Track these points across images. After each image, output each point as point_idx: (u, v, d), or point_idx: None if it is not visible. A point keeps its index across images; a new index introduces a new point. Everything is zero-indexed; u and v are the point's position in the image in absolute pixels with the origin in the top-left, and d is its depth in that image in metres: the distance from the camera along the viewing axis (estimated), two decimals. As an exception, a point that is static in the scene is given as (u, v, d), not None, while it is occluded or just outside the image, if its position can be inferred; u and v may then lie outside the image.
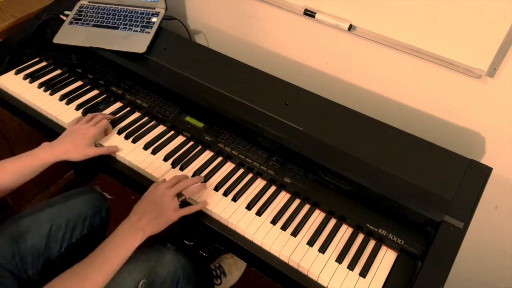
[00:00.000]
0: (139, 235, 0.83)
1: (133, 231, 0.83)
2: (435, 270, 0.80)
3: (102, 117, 1.07)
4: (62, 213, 1.01)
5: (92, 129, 1.01)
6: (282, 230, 0.91)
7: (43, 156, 0.95)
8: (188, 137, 1.09)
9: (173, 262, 0.96)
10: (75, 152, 0.98)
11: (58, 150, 0.97)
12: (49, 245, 0.98)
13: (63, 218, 1.01)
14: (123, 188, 1.81)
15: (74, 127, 1.03)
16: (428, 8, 0.96)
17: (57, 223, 0.99)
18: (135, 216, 0.86)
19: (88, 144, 0.99)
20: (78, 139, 0.99)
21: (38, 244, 0.96)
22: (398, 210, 0.90)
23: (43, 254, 0.97)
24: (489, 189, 0.94)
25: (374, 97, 1.20)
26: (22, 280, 0.94)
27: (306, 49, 1.27)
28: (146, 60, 1.20)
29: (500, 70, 0.95)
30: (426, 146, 1.00)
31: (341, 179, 0.95)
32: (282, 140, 1.00)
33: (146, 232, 0.84)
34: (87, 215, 1.05)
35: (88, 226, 1.05)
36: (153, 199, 0.89)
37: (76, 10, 1.33)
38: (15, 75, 1.23)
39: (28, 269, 0.94)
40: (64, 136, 1.01)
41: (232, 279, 1.52)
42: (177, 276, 0.96)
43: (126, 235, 0.83)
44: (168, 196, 0.89)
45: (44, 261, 0.97)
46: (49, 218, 0.99)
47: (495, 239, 1.20)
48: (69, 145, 0.98)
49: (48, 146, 0.97)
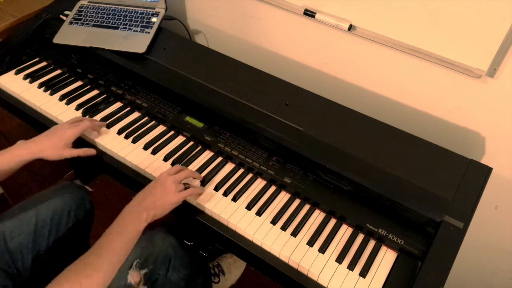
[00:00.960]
0: (142, 216, 0.82)
1: (136, 213, 0.83)
2: (435, 270, 0.80)
3: (85, 120, 1.06)
4: (46, 209, 1.02)
5: (70, 130, 1.01)
6: (282, 230, 0.91)
7: (18, 153, 0.95)
8: (188, 137, 1.09)
9: (163, 241, 0.98)
10: (51, 151, 0.98)
11: (34, 148, 0.97)
12: (37, 241, 0.99)
13: (48, 214, 1.01)
14: (123, 188, 1.81)
15: (55, 126, 1.03)
16: (428, 8, 0.96)
17: (42, 219, 1.00)
18: (139, 197, 0.86)
19: (65, 144, 0.99)
20: (55, 139, 0.99)
21: (26, 241, 0.97)
22: (398, 210, 0.90)
23: (31, 250, 0.98)
24: (489, 189, 0.94)
25: (374, 97, 1.20)
26: (14, 276, 0.95)
27: (306, 49, 1.27)
28: (146, 60, 1.20)
29: (500, 70, 0.95)
30: (426, 146, 1.00)
31: (341, 179, 0.95)
32: (282, 140, 1.00)
33: (149, 213, 0.84)
34: (71, 209, 1.06)
35: (73, 220, 1.06)
36: (156, 183, 0.90)
37: (76, 10, 1.33)
38: (15, 75, 1.23)
39: (18, 266, 0.96)
40: (42, 135, 1.01)
41: (232, 278, 1.51)
42: (169, 254, 0.97)
43: (130, 218, 0.83)
44: (170, 179, 0.90)
45: (33, 257, 0.98)
46: (34, 215, 1.00)
47: (495, 239, 1.20)
48: (45, 143, 0.98)
49: (24, 144, 0.98)
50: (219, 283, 1.47)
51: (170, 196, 0.88)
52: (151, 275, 0.95)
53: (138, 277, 0.94)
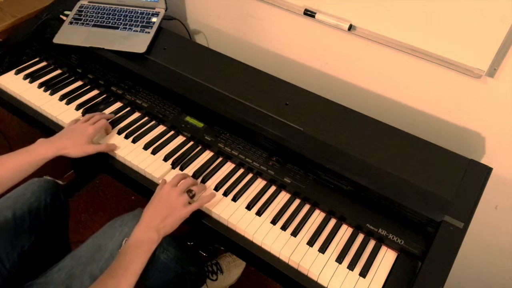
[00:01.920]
0: (154, 237, 0.83)
1: (148, 234, 0.83)
2: (435, 270, 0.80)
3: (100, 116, 1.07)
4: (22, 206, 1.03)
5: (91, 128, 1.02)
6: (282, 230, 0.91)
7: (43, 151, 0.95)
8: (188, 137, 1.09)
9: None
10: (74, 148, 0.98)
11: (57, 145, 0.97)
12: (19, 238, 1.00)
13: (25, 210, 1.03)
14: (123, 188, 1.81)
15: (73, 126, 1.03)
16: (428, 8, 0.96)
17: (20, 215, 1.02)
18: (146, 219, 0.86)
19: (87, 141, 1.00)
20: (76, 137, 0.99)
21: (8, 239, 0.98)
22: (398, 210, 0.90)
23: (15, 247, 0.99)
24: (489, 189, 0.94)
25: (374, 97, 1.20)
26: (2, 274, 0.96)
27: (306, 49, 1.27)
28: (146, 60, 1.20)
29: (500, 70, 0.95)
30: (426, 146, 1.00)
31: (341, 179, 0.95)
32: (282, 140, 1.00)
33: (160, 233, 0.84)
34: (47, 203, 1.07)
35: (50, 213, 1.08)
36: (161, 199, 0.89)
37: (76, 10, 1.33)
38: (15, 75, 1.23)
39: (5, 263, 0.97)
40: (63, 133, 1.01)
41: (231, 277, 1.52)
42: None
43: (142, 239, 0.83)
44: (175, 194, 0.89)
45: (18, 253, 0.99)
46: (10, 213, 1.01)
47: (495, 239, 1.20)
48: (68, 141, 0.99)
49: (47, 142, 0.98)
50: (217, 281, 1.47)
51: (177, 212, 0.88)
52: None
53: None
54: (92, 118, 1.06)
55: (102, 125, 1.05)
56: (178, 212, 0.87)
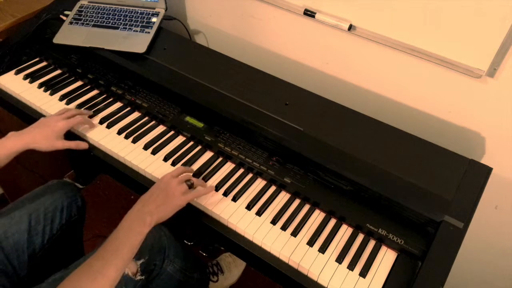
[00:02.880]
0: (146, 220, 0.81)
1: (140, 218, 0.82)
2: (435, 270, 0.80)
3: (75, 112, 1.07)
4: (38, 207, 1.02)
5: (63, 122, 1.01)
6: (282, 230, 0.91)
7: (10, 145, 0.95)
8: (188, 137, 1.09)
9: (157, 231, 0.99)
10: (43, 142, 0.97)
11: (27, 139, 0.96)
12: (31, 239, 0.99)
13: (41, 212, 1.02)
14: (123, 188, 1.81)
15: (45, 118, 1.03)
16: (428, 8, 0.96)
17: (35, 217, 1.01)
18: (140, 203, 0.85)
19: (57, 136, 0.99)
20: (47, 130, 0.99)
21: (20, 240, 0.98)
22: (398, 210, 0.90)
23: (27, 248, 0.98)
24: (489, 189, 0.94)
25: (374, 97, 1.20)
26: (11, 275, 0.96)
27: (306, 49, 1.27)
28: (146, 60, 1.20)
29: (500, 70, 0.95)
30: (426, 146, 1.00)
31: (341, 179, 0.95)
32: (282, 140, 1.00)
33: (153, 217, 0.82)
34: (64, 206, 1.07)
35: (66, 217, 1.07)
36: (159, 186, 0.88)
37: (76, 10, 1.33)
38: (15, 75, 1.23)
39: (14, 264, 0.96)
40: (33, 126, 1.01)
41: (231, 277, 1.51)
42: (163, 244, 0.98)
43: (133, 223, 0.82)
44: (174, 182, 0.89)
45: (29, 255, 0.99)
46: (26, 214, 1.00)
47: (495, 239, 1.20)
48: (37, 134, 0.98)
49: (15, 135, 0.97)
50: (218, 282, 1.47)
51: (174, 199, 0.87)
52: (147, 265, 0.95)
53: (135, 267, 0.94)
54: (67, 113, 1.05)
55: (76, 121, 1.04)
56: (175, 200, 0.87)
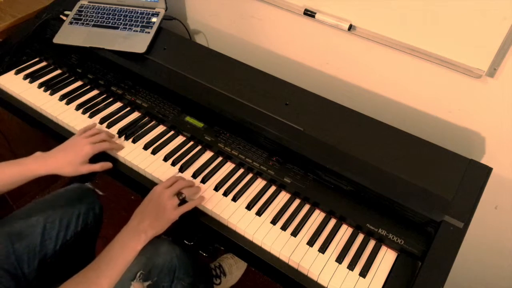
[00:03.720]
0: (141, 237, 0.84)
1: (136, 234, 0.84)
2: (435, 270, 0.80)
3: (104, 136, 1.03)
4: (55, 211, 1.01)
5: (88, 147, 0.97)
6: (282, 230, 0.91)
7: (35, 167, 0.93)
8: (188, 137, 1.09)
9: (169, 252, 0.96)
10: (67, 168, 0.96)
11: (51, 164, 0.95)
12: (44, 244, 0.98)
13: (57, 216, 1.01)
14: (123, 188, 1.81)
15: (72, 141, 1.00)
16: (428, 8, 0.96)
17: (51, 221, 1.00)
18: (136, 219, 0.86)
19: (82, 161, 0.97)
20: (72, 155, 0.96)
21: (33, 243, 0.96)
22: (398, 210, 0.90)
23: (38, 252, 0.97)
24: (489, 189, 0.94)
25: (374, 97, 1.20)
26: (18, 278, 0.94)
27: (306, 49, 1.27)
28: (146, 60, 1.20)
29: (500, 70, 0.95)
30: (426, 146, 1.00)
31: (341, 179, 0.95)
32: (282, 140, 1.00)
33: (148, 234, 0.85)
34: (81, 212, 1.05)
35: (82, 224, 1.06)
36: (152, 200, 0.89)
37: (76, 10, 1.33)
38: (15, 75, 1.23)
39: (24, 268, 0.95)
40: (59, 149, 0.98)
41: (232, 279, 1.52)
42: (174, 266, 0.96)
43: (129, 238, 0.83)
44: (166, 196, 0.89)
45: (39, 260, 0.97)
46: (42, 217, 0.99)
47: (495, 239, 1.20)
48: (62, 160, 0.96)
49: (41, 158, 0.95)
50: (220, 285, 1.47)
51: (167, 214, 0.87)
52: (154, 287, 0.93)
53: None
54: (95, 137, 1.01)
55: (103, 147, 1.01)
56: (167, 214, 0.87)
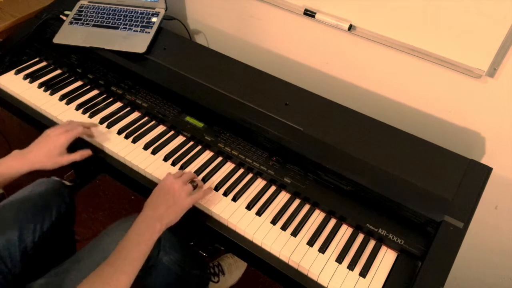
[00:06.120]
0: (156, 226, 0.82)
1: (150, 224, 0.82)
2: (435, 270, 0.80)
3: (76, 124, 1.04)
4: (27, 206, 1.02)
5: (63, 136, 0.98)
6: (282, 230, 0.91)
7: (16, 165, 0.93)
8: (188, 137, 1.09)
9: None
10: (47, 161, 0.96)
11: (30, 160, 0.95)
12: (22, 238, 0.99)
13: (30, 210, 1.02)
14: (123, 188, 1.81)
15: (47, 132, 1.00)
16: (428, 8, 0.96)
17: (25, 216, 1.00)
18: (148, 209, 0.85)
19: (60, 152, 0.97)
20: (49, 147, 0.97)
21: (12, 238, 0.97)
22: (398, 210, 0.90)
23: (18, 247, 0.98)
24: (489, 189, 0.94)
25: (374, 97, 1.20)
26: (4, 273, 0.96)
27: (306, 49, 1.27)
28: (146, 60, 1.20)
29: (500, 70, 0.95)
30: (426, 146, 1.00)
31: (341, 179, 0.95)
32: (282, 140, 1.00)
33: (163, 222, 0.83)
34: (53, 203, 1.06)
35: (55, 214, 1.07)
36: (164, 189, 0.88)
37: (76, 10, 1.33)
38: (15, 75, 1.23)
39: (7, 263, 0.96)
40: (35, 144, 0.98)
41: (232, 278, 1.51)
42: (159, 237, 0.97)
43: (143, 229, 0.82)
44: (178, 184, 0.89)
45: (21, 253, 0.99)
46: (16, 213, 1.00)
47: (495, 239, 1.20)
48: (40, 154, 0.96)
49: (19, 155, 0.95)
50: (219, 283, 1.47)
51: (182, 201, 0.87)
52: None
53: None
54: (68, 125, 1.02)
55: (77, 132, 1.01)
56: (181, 201, 0.87)
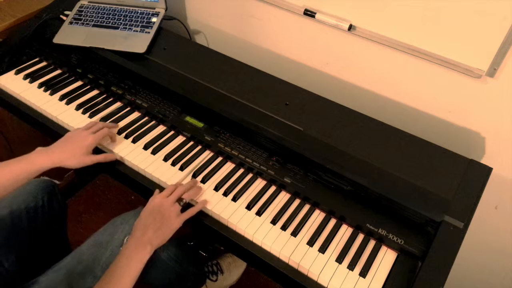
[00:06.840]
0: (147, 249, 0.83)
1: (141, 246, 0.83)
2: (435, 270, 0.80)
3: (102, 125, 1.05)
4: (19, 206, 1.03)
5: (90, 138, 0.99)
6: (282, 230, 0.91)
7: (40, 162, 0.93)
8: (188, 137, 1.09)
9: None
10: (72, 160, 0.96)
11: (55, 157, 0.95)
12: (17, 238, 1.00)
13: (22, 210, 1.03)
14: (123, 188, 1.81)
15: (72, 133, 1.01)
16: (428, 8, 0.96)
17: (17, 215, 1.01)
18: (138, 231, 0.85)
19: (85, 152, 0.98)
20: (75, 147, 0.97)
21: (5, 238, 0.98)
22: (398, 210, 0.90)
23: (13, 246, 0.99)
24: (489, 189, 0.94)
25: (374, 97, 1.20)
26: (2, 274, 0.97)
27: (306, 49, 1.27)
28: (146, 60, 1.20)
29: (500, 70, 0.95)
30: (426, 146, 1.00)
31: (341, 179, 0.95)
32: (282, 140, 1.00)
33: (153, 244, 0.84)
34: (44, 202, 1.07)
35: (47, 212, 1.08)
36: (153, 210, 0.88)
37: (76, 10, 1.33)
38: (15, 75, 1.23)
39: (3, 262, 0.97)
40: (61, 142, 0.99)
41: (231, 278, 1.51)
42: None
43: (134, 252, 0.83)
44: (167, 204, 0.89)
45: (16, 252, 0.99)
46: (8, 213, 1.00)
47: (495, 239, 1.20)
48: (66, 152, 0.96)
49: (44, 152, 0.95)
50: (217, 282, 1.47)
51: (171, 222, 0.87)
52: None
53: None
54: (94, 127, 1.03)
55: (104, 134, 1.02)
56: (170, 222, 0.87)
